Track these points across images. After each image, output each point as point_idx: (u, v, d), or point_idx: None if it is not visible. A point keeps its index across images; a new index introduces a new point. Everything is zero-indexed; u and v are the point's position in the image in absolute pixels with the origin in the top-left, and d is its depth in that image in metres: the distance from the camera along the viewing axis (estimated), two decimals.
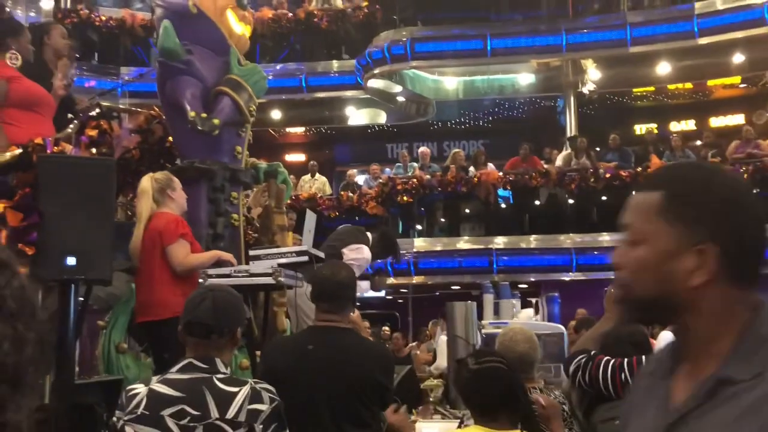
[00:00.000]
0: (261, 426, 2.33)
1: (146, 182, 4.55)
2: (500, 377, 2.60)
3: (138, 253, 4.46)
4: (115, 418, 2.41)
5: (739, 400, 1.12)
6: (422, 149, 14.89)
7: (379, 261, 6.21)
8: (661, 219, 1.25)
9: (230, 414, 2.32)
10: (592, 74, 15.70)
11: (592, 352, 2.88)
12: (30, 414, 0.77)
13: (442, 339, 7.61)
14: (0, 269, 0.76)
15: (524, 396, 2.65)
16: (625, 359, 2.76)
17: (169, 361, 2.85)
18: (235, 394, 2.36)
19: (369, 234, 5.96)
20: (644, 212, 1.28)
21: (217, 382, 2.38)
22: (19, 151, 3.94)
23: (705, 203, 1.22)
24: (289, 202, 7.65)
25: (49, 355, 0.76)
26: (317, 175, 14.99)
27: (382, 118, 17.90)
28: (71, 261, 3.70)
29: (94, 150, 4.72)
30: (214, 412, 2.32)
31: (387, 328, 11.69)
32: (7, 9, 5.53)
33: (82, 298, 4.12)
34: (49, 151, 4.07)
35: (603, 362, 2.80)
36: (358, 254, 5.60)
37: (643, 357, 2.79)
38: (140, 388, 2.42)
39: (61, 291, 3.83)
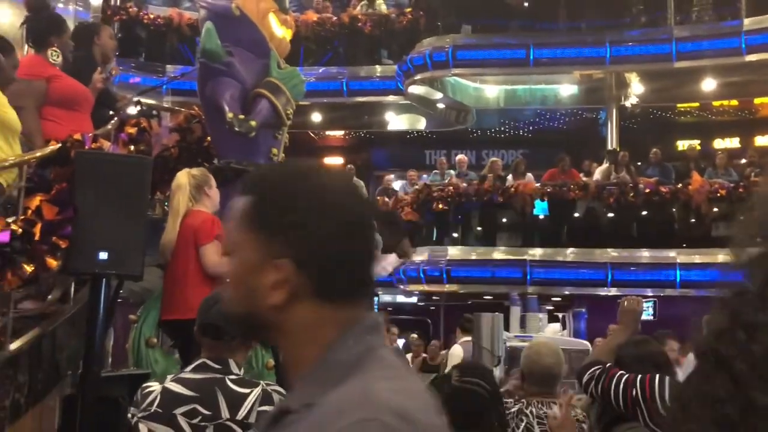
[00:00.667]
0: None
1: (183, 177, 4.54)
2: (476, 399, 2.65)
3: (171, 248, 4.43)
4: (129, 415, 2.45)
5: (289, 430, 1.01)
6: (459, 156, 14.85)
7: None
8: (248, 228, 1.12)
9: (241, 415, 2.35)
10: (636, 88, 15.51)
11: (607, 365, 2.86)
12: None
13: (456, 348, 7.58)
14: None
15: (498, 421, 2.71)
16: (638, 376, 2.74)
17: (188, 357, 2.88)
18: (247, 395, 2.39)
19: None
20: (236, 219, 1.15)
21: (230, 383, 2.41)
22: (58, 146, 4.03)
23: (286, 211, 1.09)
24: None
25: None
26: (354, 179, 15.03)
27: (421, 124, 17.89)
28: (103, 255, 3.77)
29: (132, 147, 4.81)
30: (225, 413, 2.36)
31: (416, 335, 11.65)
32: (54, 4, 5.65)
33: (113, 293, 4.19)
34: (87, 147, 4.16)
35: (616, 376, 2.78)
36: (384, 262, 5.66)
37: (657, 376, 2.75)
38: (155, 386, 2.46)
39: (93, 285, 3.90)
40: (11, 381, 3.65)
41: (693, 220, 12.61)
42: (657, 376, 2.70)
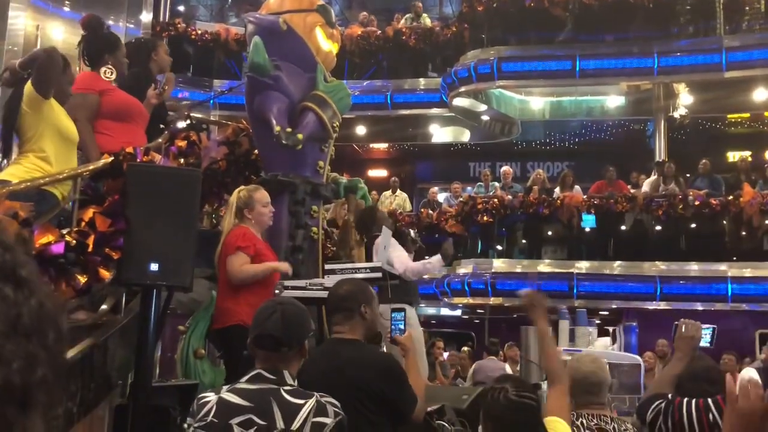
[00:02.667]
0: None
1: (233, 197, 4.74)
2: (534, 415, 2.67)
3: (218, 261, 4.66)
4: (186, 425, 2.47)
5: None
6: (504, 168, 14.77)
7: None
8: None
9: (295, 426, 2.36)
10: (684, 98, 15.26)
11: (670, 396, 2.73)
12: None
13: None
14: (19, 286, 0.74)
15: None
16: (709, 399, 2.62)
17: (228, 366, 2.89)
18: (301, 406, 2.39)
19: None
20: None
21: (284, 394, 2.43)
22: (110, 159, 4.11)
23: None
24: None
25: (63, 378, 0.70)
26: (398, 192, 15.06)
27: (465, 136, 17.85)
28: (154, 267, 3.83)
29: (182, 160, 4.89)
30: (280, 423, 2.36)
31: (441, 343, 11.50)
32: (107, 23, 5.79)
33: (163, 304, 4.25)
34: (138, 160, 4.23)
35: (684, 405, 2.64)
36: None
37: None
38: (210, 396, 2.48)
39: (144, 295, 3.96)
40: (64, 390, 3.72)
41: (744, 233, 12.34)
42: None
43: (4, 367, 0.70)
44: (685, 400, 2.64)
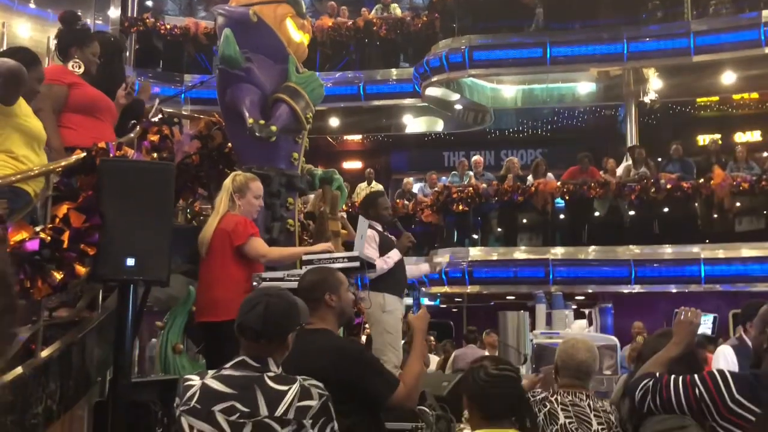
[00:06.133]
0: (310, 421, 2.39)
1: (228, 180, 4.67)
2: (515, 386, 2.76)
3: (206, 243, 4.49)
4: (175, 406, 2.48)
5: None
6: (475, 158, 14.83)
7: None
8: None
9: (279, 412, 2.37)
10: (654, 83, 15.43)
11: (658, 374, 2.77)
12: None
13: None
14: None
15: (528, 407, 2.84)
16: (696, 375, 2.66)
17: (212, 360, 2.91)
18: (285, 392, 2.41)
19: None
20: None
21: (268, 381, 2.44)
22: (83, 154, 4.07)
23: None
24: (344, 208, 7.71)
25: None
26: (373, 183, 15.07)
27: (439, 126, 17.89)
28: (130, 262, 3.81)
29: (155, 155, 4.85)
30: (264, 410, 2.38)
31: (433, 338, 11.60)
32: (83, 20, 5.73)
33: (140, 299, 4.23)
34: (111, 155, 4.20)
35: (672, 382, 2.67)
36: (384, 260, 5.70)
37: (716, 370, 2.68)
38: (195, 380, 2.49)
39: (121, 291, 3.94)
40: (43, 388, 3.69)
41: (716, 215, 12.52)
42: (716, 370, 2.66)
43: None
44: (672, 377, 2.68)
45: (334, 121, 17.25)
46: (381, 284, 5.69)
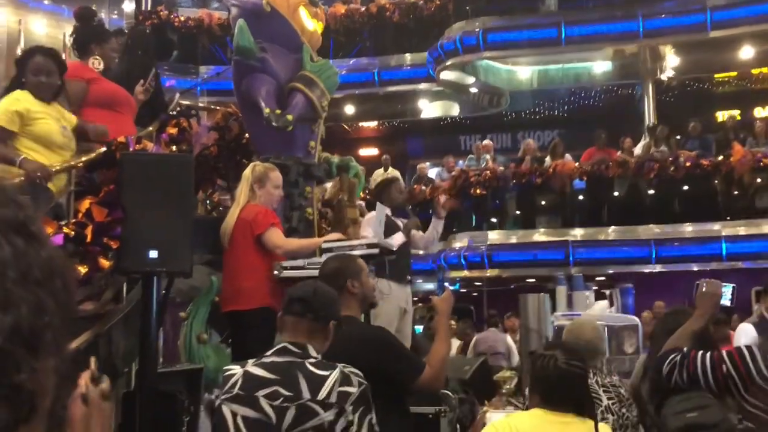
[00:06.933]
0: (351, 407, 2.42)
1: (248, 170, 4.71)
2: (581, 383, 2.76)
3: (228, 233, 4.55)
4: (213, 397, 2.51)
5: None
6: (486, 142, 14.75)
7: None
8: None
9: (321, 395, 2.41)
10: (671, 60, 15.27)
11: (685, 349, 2.77)
12: (51, 379, 0.81)
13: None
14: (29, 240, 0.80)
15: (590, 401, 2.81)
16: (724, 351, 2.66)
17: (251, 352, 2.96)
18: (326, 377, 2.45)
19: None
20: None
21: (309, 366, 2.48)
22: (103, 149, 4.12)
23: None
24: (362, 195, 7.73)
25: (69, 326, 0.78)
26: (390, 169, 15.06)
27: (455, 110, 17.83)
28: (153, 254, 3.85)
29: (174, 147, 4.90)
30: (306, 393, 2.41)
31: (453, 322, 11.59)
32: (99, 15, 5.80)
33: (164, 290, 4.28)
34: (131, 149, 4.24)
35: (699, 357, 2.66)
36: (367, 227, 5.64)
37: (743, 346, 2.68)
38: (236, 369, 2.54)
39: (144, 283, 3.99)
40: (71, 381, 3.75)
41: (736, 192, 12.41)
42: (743, 346, 2.66)
43: (15, 310, 0.76)
44: (700, 352, 2.67)
45: (349, 109, 17.24)
46: (381, 270, 5.68)
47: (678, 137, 13.53)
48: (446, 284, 12.89)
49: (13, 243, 0.79)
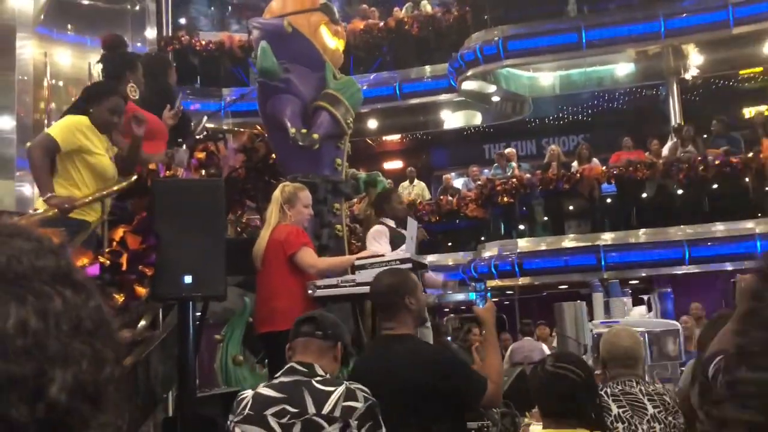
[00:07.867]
0: (356, 422, 2.45)
1: (277, 191, 4.72)
2: (569, 383, 2.65)
3: (260, 255, 4.55)
4: (229, 422, 2.59)
5: None
6: (508, 150, 14.67)
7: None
8: None
9: (326, 410, 2.46)
10: (695, 59, 15.11)
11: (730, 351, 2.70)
12: None
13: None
14: (77, 290, 0.77)
15: (593, 403, 2.71)
16: None
17: (274, 370, 2.99)
18: (331, 392, 2.50)
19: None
20: None
21: (315, 383, 2.55)
22: (134, 177, 4.15)
23: None
24: None
25: (124, 374, 0.75)
26: (416, 181, 15.05)
27: (477, 119, 17.79)
28: (188, 279, 3.87)
29: (203, 171, 4.93)
30: (312, 409, 2.47)
31: (477, 330, 11.50)
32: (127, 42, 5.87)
33: (199, 314, 4.30)
34: (162, 176, 4.27)
35: None
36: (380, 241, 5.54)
37: None
38: (247, 393, 2.63)
39: (180, 308, 4.00)
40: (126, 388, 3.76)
41: (767, 188, 12.23)
42: None
43: (75, 366, 0.74)
44: None
45: (372, 123, 17.27)
46: None
47: (705, 136, 13.37)
48: (488, 294, 12.80)
49: (63, 294, 0.76)
